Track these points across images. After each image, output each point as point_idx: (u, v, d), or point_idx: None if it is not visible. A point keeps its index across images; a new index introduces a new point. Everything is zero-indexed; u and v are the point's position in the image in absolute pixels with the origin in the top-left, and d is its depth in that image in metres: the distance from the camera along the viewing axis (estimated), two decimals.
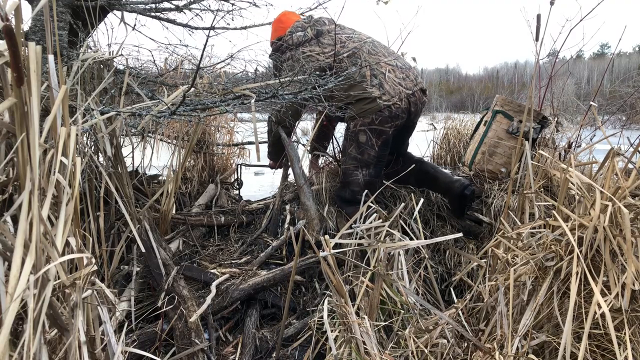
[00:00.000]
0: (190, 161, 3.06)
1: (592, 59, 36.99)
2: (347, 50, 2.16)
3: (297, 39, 2.21)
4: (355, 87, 2.09)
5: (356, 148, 2.12)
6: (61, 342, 0.93)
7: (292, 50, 2.22)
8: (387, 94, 2.07)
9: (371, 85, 2.09)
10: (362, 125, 2.09)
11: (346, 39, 2.21)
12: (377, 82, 2.10)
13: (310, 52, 2.18)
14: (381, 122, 2.08)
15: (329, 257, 1.34)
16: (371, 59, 2.15)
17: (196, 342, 1.44)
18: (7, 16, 0.85)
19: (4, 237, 0.84)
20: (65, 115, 1.01)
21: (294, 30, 2.24)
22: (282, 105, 1.95)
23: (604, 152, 1.28)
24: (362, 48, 2.17)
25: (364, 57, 2.14)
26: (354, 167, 2.14)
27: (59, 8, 1.87)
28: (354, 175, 2.14)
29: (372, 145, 2.10)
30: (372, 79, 2.11)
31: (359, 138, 2.11)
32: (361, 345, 1.25)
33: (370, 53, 2.17)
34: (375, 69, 2.12)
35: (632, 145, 1.52)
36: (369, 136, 2.09)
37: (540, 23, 1.71)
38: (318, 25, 2.26)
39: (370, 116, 2.07)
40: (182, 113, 1.45)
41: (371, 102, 2.07)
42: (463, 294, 1.94)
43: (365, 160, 2.12)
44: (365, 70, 2.11)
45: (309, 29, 2.23)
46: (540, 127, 2.56)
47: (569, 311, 1.06)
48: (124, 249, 1.77)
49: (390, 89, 2.08)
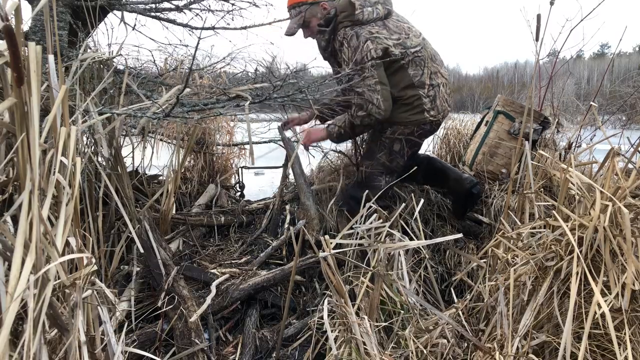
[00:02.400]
0: (190, 161, 3.06)
1: (592, 59, 36.99)
2: (414, 45, 1.96)
3: (368, 15, 1.92)
4: (409, 90, 1.95)
5: (387, 155, 2.04)
6: (61, 342, 0.93)
7: (356, 27, 1.92)
8: (435, 109, 1.97)
9: (426, 95, 1.96)
10: (401, 135, 1.99)
11: (408, 30, 2.00)
12: (432, 94, 1.97)
13: (377, 33, 1.91)
14: (420, 135, 2.01)
15: (329, 257, 1.34)
16: (432, 66, 1.98)
17: (196, 342, 1.44)
18: (7, 16, 0.85)
19: (4, 237, 0.84)
20: (65, 115, 1.01)
21: (364, 2, 1.94)
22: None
23: (604, 152, 1.28)
24: (426, 47, 2.00)
25: (426, 60, 1.97)
26: (379, 172, 2.06)
27: (59, 8, 1.87)
28: (377, 181, 2.04)
29: (403, 154, 2.04)
30: (429, 89, 1.97)
31: (394, 146, 2.02)
32: (361, 345, 1.25)
33: (431, 57, 2.00)
34: (434, 79, 1.98)
35: (632, 145, 1.52)
36: (403, 145, 2.01)
37: (540, 23, 1.71)
38: (388, 4, 1.99)
39: (412, 127, 1.98)
40: (177, 115, 1.45)
41: (419, 113, 1.96)
42: (463, 294, 1.94)
43: (392, 168, 2.05)
44: (426, 77, 1.96)
45: (380, 5, 1.95)
46: (542, 128, 2.56)
47: (569, 311, 1.06)
48: (124, 249, 1.77)
49: (440, 104, 1.99)
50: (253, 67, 2.15)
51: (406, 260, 1.62)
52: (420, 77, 1.96)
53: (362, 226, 1.65)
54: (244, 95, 1.55)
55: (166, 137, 2.79)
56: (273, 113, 2.08)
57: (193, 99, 1.73)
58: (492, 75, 53.07)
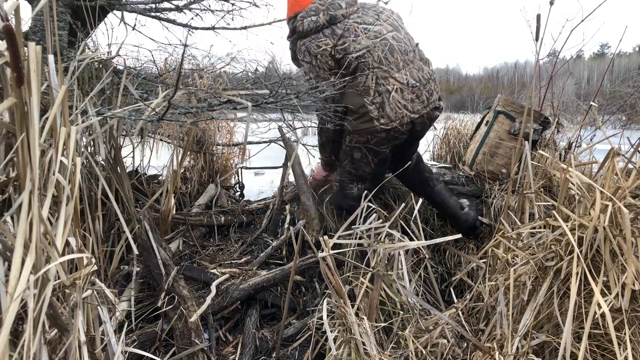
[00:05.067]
0: (190, 161, 3.06)
1: (592, 59, 37.02)
2: (357, 49, 1.85)
3: (307, 25, 1.88)
4: (355, 98, 1.87)
5: (350, 163, 2.00)
6: (61, 342, 0.93)
7: (304, 39, 1.92)
8: (386, 117, 1.85)
9: (371, 102, 1.85)
10: (357, 143, 1.93)
11: (362, 32, 1.88)
12: (379, 101, 1.85)
13: (325, 46, 1.86)
14: (377, 143, 1.90)
15: (328, 257, 1.34)
16: (380, 71, 1.86)
17: (196, 342, 1.44)
18: (7, 16, 0.85)
19: (4, 237, 0.84)
20: (65, 116, 1.01)
21: (306, 14, 1.90)
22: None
23: (604, 152, 1.28)
24: (373, 51, 1.86)
25: (371, 65, 1.85)
26: (349, 180, 2.03)
27: (59, 8, 1.87)
28: (349, 189, 2.04)
29: (367, 162, 1.96)
30: (375, 95, 1.85)
31: (354, 154, 1.96)
32: (360, 345, 1.25)
33: (381, 61, 1.86)
34: (382, 84, 1.85)
35: (632, 145, 1.52)
36: (364, 154, 1.94)
37: (540, 23, 1.71)
38: (332, 9, 1.89)
39: (365, 136, 1.89)
40: (171, 118, 1.44)
41: (368, 121, 1.87)
42: (463, 294, 1.94)
43: (360, 175, 2.00)
44: (370, 82, 1.85)
45: (321, 13, 1.88)
46: (542, 128, 2.56)
47: (569, 311, 1.06)
48: (124, 249, 1.77)
49: (391, 112, 1.85)
50: (253, 67, 2.15)
51: (406, 261, 1.61)
52: (364, 83, 1.86)
53: (362, 226, 1.65)
54: (237, 99, 1.54)
55: (166, 137, 2.79)
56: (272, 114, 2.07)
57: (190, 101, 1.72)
58: (492, 75, 53.10)
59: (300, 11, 1.93)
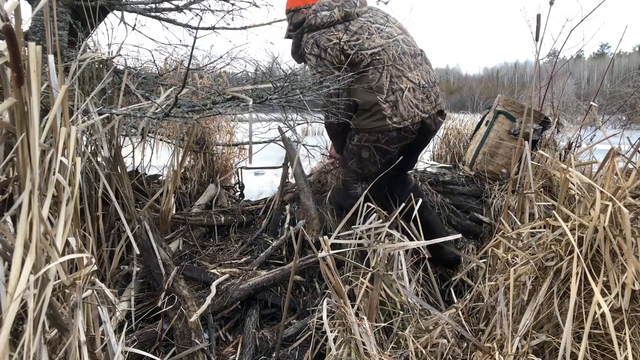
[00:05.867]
0: (190, 161, 3.06)
1: (592, 59, 37.01)
2: (372, 47, 1.87)
3: (321, 19, 1.90)
4: (366, 96, 1.87)
5: (357, 162, 1.99)
6: (61, 342, 0.93)
7: (313, 32, 1.92)
8: (398, 115, 1.86)
9: (385, 101, 1.86)
10: (367, 142, 1.92)
11: (375, 31, 1.91)
12: (392, 99, 1.86)
13: (336, 39, 1.87)
14: (387, 142, 1.91)
15: (328, 257, 1.34)
16: (394, 70, 1.88)
17: (196, 342, 1.44)
18: (7, 16, 0.85)
19: (4, 237, 0.84)
20: (65, 115, 1.01)
21: (319, 8, 1.92)
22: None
23: (604, 152, 1.28)
24: (387, 49, 1.88)
25: (386, 63, 1.87)
26: (353, 180, 2.03)
27: (59, 8, 1.88)
28: (352, 189, 2.03)
29: (374, 162, 1.96)
30: (389, 94, 1.86)
31: (362, 154, 1.96)
32: (360, 345, 1.25)
33: (395, 60, 1.89)
34: (395, 82, 1.87)
35: (632, 145, 1.52)
36: (372, 153, 1.94)
37: (540, 23, 1.71)
38: (347, 7, 1.92)
39: (376, 134, 1.89)
40: (176, 115, 1.44)
41: (380, 119, 1.87)
42: (463, 294, 1.94)
43: (365, 175, 1.99)
44: (385, 80, 1.86)
45: (336, 9, 1.90)
46: (542, 128, 2.56)
47: (569, 311, 1.06)
48: (124, 249, 1.77)
49: (404, 110, 1.87)
50: (253, 67, 2.15)
51: (406, 261, 1.62)
52: (378, 80, 1.86)
53: (362, 226, 1.65)
54: (240, 96, 1.54)
55: (166, 137, 2.79)
56: (272, 113, 2.06)
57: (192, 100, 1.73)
58: (492, 75, 53.10)
59: (302, 6, 1.97)
